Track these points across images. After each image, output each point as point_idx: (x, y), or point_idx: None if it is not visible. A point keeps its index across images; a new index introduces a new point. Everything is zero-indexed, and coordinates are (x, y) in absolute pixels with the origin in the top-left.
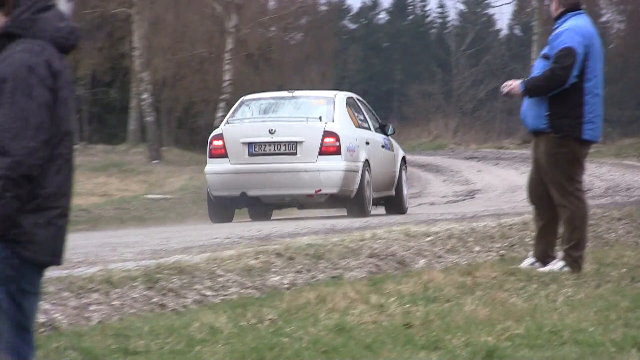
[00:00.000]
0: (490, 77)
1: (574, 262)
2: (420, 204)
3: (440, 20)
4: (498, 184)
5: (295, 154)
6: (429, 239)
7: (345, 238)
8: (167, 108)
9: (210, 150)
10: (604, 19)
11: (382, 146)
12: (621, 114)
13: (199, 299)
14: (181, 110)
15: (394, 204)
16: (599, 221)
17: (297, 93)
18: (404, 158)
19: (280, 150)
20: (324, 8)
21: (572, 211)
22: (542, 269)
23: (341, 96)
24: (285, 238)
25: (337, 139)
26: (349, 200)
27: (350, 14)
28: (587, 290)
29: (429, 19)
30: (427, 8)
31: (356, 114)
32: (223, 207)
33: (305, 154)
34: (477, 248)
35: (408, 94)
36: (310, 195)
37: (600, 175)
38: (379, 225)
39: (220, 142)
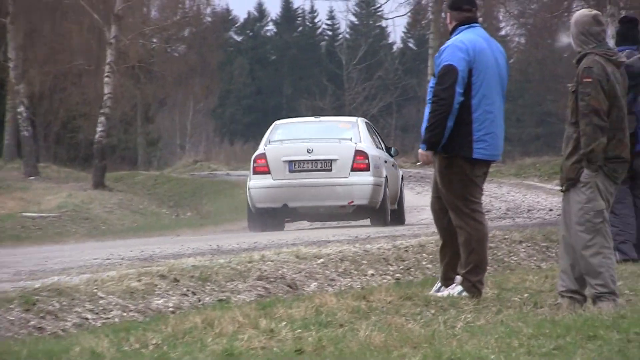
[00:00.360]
0: (384, 92)
1: (473, 286)
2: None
3: (330, 33)
4: None
5: (330, 170)
6: (320, 261)
7: (233, 259)
8: (45, 122)
9: (254, 167)
10: (503, 32)
11: (392, 165)
12: (521, 131)
13: (79, 322)
14: (59, 124)
15: (396, 216)
16: (499, 244)
17: (323, 118)
18: (402, 177)
19: (317, 167)
20: (208, 19)
21: (469, 233)
22: (439, 294)
23: (361, 120)
24: (170, 259)
25: (367, 157)
26: (374, 211)
27: (236, 25)
28: (488, 316)
29: (319, 31)
30: (316, 20)
31: (373, 137)
32: (263, 218)
33: (339, 170)
34: (371, 271)
35: (298, 109)
36: (343, 207)
37: (500, 196)
38: (268, 247)
39: (263, 161)
